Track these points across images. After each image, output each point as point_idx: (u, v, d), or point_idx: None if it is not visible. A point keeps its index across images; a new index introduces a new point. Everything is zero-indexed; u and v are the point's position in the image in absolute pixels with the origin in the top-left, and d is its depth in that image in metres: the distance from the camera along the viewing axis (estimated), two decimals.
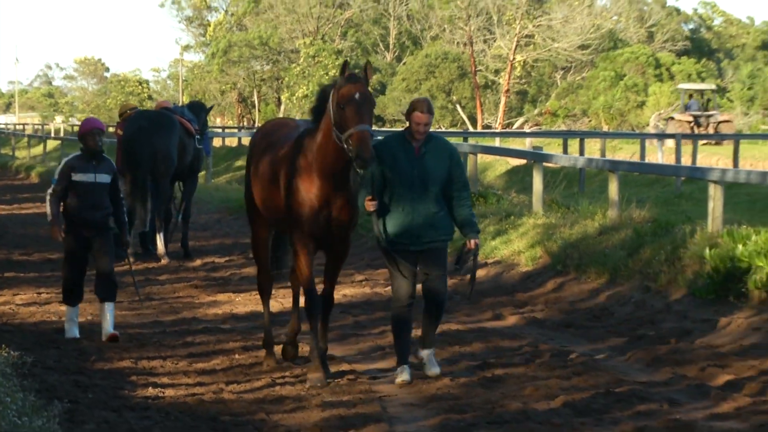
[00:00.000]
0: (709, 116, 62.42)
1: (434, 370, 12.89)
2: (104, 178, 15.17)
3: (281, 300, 17.80)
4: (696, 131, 56.65)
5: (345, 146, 12.16)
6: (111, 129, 50.33)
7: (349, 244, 13.54)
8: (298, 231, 13.07)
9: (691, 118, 61.46)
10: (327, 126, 12.53)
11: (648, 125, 75.23)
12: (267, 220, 14.01)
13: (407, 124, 12.79)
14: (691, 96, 67.52)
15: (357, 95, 12.21)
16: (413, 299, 12.71)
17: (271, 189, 13.51)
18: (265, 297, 14.57)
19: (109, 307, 15.40)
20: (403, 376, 12.68)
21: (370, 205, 12.44)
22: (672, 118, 63.06)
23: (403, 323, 12.77)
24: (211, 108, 28.66)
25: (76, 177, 15.04)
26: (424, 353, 12.92)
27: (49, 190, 15.34)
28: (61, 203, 15.39)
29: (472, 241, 12.68)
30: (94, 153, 15.21)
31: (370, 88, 12.73)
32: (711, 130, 58.83)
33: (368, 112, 12.31)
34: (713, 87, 74.39)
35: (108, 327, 15.30)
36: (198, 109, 27.01)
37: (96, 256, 15.34)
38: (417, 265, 12.70)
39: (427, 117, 12.39)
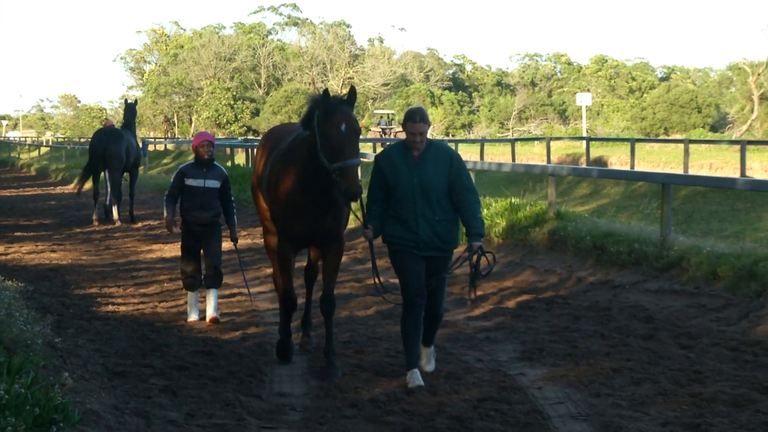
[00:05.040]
0: (390, 129, 77.10)
1: (428, 367, 10.59)
2: (213, 183, 13.68)
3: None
4: (383, 137, 67.97)
5: (333, 175, 9.94)
6: (83, 140, 54.11)
7: (341, 243, 10.99)
8: (282, 231, 11.00)
9: (380, 129, 76.04)
10: (312, 145, 10.29)
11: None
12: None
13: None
14: (381, 117, 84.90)
15: (343, 127, 9.95)
16: (425, 298, 10.12)
17: (268, 192, 11.34)
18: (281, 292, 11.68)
19: (214, 293, 13.87)
20: (415, 381, 10.06)
21: (367, 234, 10.22)
22: (369, 129, 77.40)
23: (414, 328, 10.13)
24: (136, 103, 31.05)
25: (189, 182, 13.64)
26: (424, 351, 10.53)
27: (166, 192, 13.95)
28: (177, 205, 13.99)
29: (474, 245, 10.08)
30: (205, 162, 13.74)
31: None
32: (393, 136, 69.90)
33: (355, 143, 10.11)
34: (393, 112, 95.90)
35: (211, 311, 13.77)
36: (131, 115, 29.30)
37: (204, 250, 13.94)
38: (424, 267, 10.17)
39: (422, 126, 9.96)
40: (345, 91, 10.61)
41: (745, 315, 13.12)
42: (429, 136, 10.33)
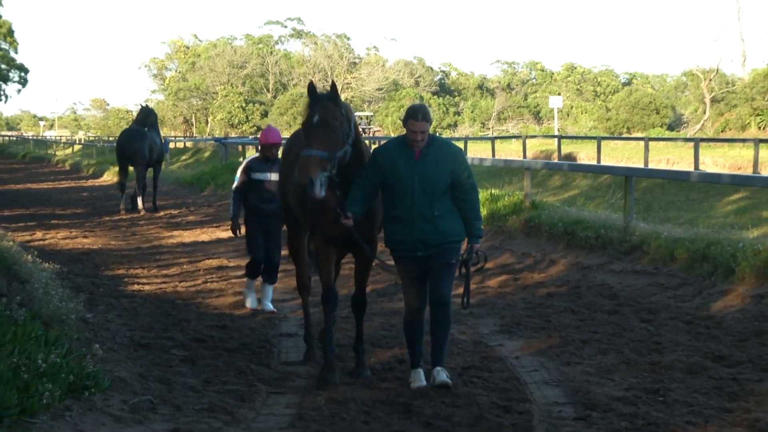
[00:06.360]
0: (370, 128, 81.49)
1: (444, 380, 8.82)
2: (277, 177, 11.76)
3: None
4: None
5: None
6: (111, 139, 54.50)
7: (373, 246, 9.31)
8: (316, 233, 9.38)
9: (361, 129, 75.59)
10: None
11: None
12: (299, 221, 10.14)
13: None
14: (361, 118, 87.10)
15: (316, 119, 8.65)
16: (424, 305, 8.97)
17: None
18: (305, 294, 10.61)
19: (270, 288, 13.17)
20: (418, 382, 8.93)
21: (347, 223, 8.71)
22: None
23: (415, 331, 8.97)
24: (152, 110, 29.79)
25: (254, 176, 12.77)
26: (435, 371, 8.89)
27: (233, 187, 13.01)
28: (242, 202, 12.96)
29: (473, 246, 8.90)
30: (270, 158, 12.86)
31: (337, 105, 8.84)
32: (372, 134, 72.60)
33: (323, 135, 8.55)
34: (371, 114, 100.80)
35: (266, 302, 13.02)
36: (154, 120, 28.74)
37: (266, 243, 13.02)
38: (426, 271, 8.82)
39: (422, 124, 8.65)
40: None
41: (698, 292, 13.16)
42: None
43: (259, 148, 13.02)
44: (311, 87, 8.92)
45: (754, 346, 10.34)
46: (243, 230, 13.16)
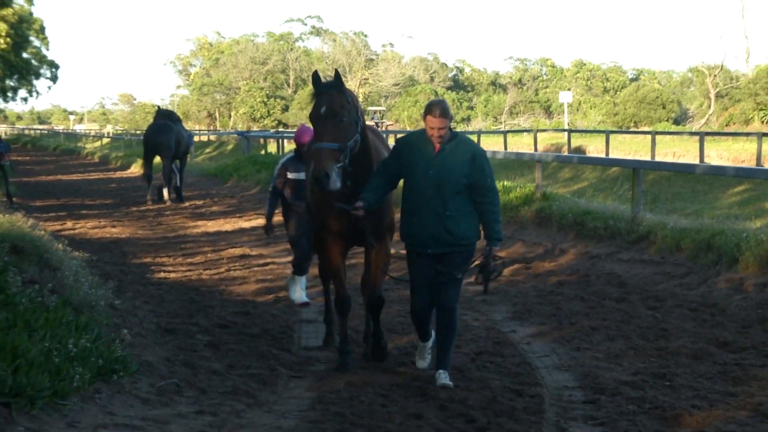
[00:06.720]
0: (383, 123, 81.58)
1: (445, 383, 8.31)
2: None
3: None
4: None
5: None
6: (139, 132, 55.01)
7: (383, 244, 8.84)
8: (323, 229, 8.96)
9: (374, 123, 75.55)
10: None
11: None
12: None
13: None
14: (375, 113, 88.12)
15: (323, 110, 8.14)
16: (431, 305, 8.45)
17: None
18: (326, 282, 10.34)
19: (299, 279, 12.31)
20: (421, 363, 8.83)
21: (358, 212, 8.21)
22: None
23: (422, 320, 8.55)
24: (174, 113, 30.09)
25: (290, 175, 11.88)
26: (438, 373, 8.43)
27: (270, 188, 12.13)
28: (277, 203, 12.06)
29: (491, 249, 8.22)
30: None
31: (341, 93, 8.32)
32: (384, 129, 72.06)
33: (331, 126, 8.06)
34: (383, 108, 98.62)
35: (301, 295, 12.25)
36: (176, 119, 28.83)
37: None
38: (435, 272, 8.30)
39: (441, 121, 8.02)
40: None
41: (703, 281, 13.12)
42: None
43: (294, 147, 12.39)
44: (315, 76, 8.41)
45: (757, 333, 10.32)
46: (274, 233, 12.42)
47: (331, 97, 8.18)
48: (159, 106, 30.53)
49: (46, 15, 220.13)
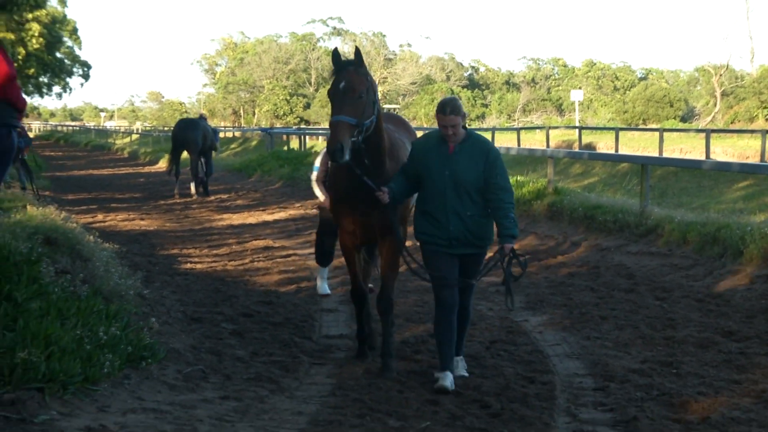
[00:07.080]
0: None
1: (462, 373, 8.23)
2: None
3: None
4: None
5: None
6: (167, 129, 58.19)
7: (395, 239, 8.22)
8: (339, 222, 8.66)
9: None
10: None
11: None
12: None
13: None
14: (387, 111, 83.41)
15: (342, 85, 7.76)
16: (456, 304, 7.87)
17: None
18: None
19: (323, 272, 12.34)
20: (444, 382, 7.80)
21: (382, 197, 7.87)
22: None
23: (447, 329, 7.84)
24: (205, 117, 30.37)
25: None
26: (456, 360, 8.19)
27: (313, 177, 11.61)
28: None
29: (503, 247, 7.80)
30: None
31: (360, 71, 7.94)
32: None
33: (348, 100, 7.66)
34: (398, 106, 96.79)
35: (322, 286, 12.38)
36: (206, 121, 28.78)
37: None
38: (456, 274, 7.86)
39: (451, 118, 7.65)
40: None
41: (709, 273, 13.08)
42: None
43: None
44: (335, 54, 8.03)
45: (761, 323, 10.30)
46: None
47: (351, 73, 7.85)
48: (180, 119, 30.60)
49: (80, 16, 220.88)
